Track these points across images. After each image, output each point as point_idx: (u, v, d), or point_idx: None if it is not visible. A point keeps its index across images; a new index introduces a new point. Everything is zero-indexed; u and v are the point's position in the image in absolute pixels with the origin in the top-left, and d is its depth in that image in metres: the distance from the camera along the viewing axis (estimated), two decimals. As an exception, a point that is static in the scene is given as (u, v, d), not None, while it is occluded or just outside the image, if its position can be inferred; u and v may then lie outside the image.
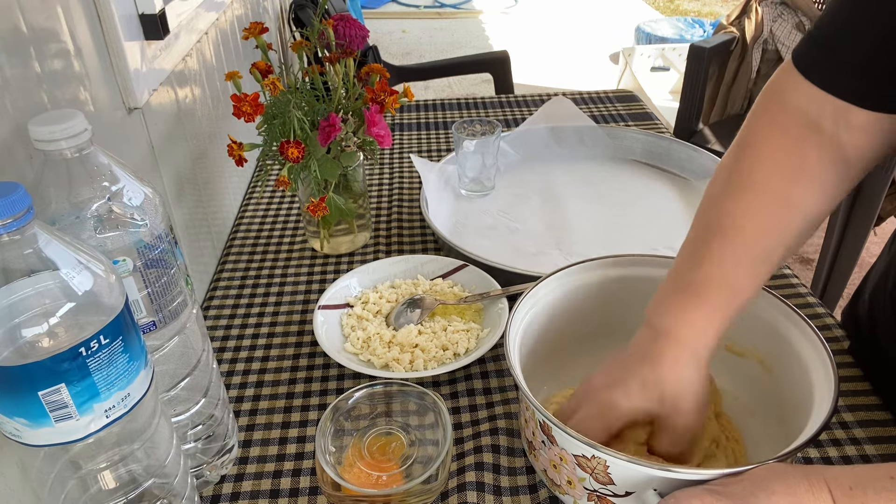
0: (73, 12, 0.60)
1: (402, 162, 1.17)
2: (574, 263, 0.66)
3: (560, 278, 0.65)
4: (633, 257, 0.66)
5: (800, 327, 0.57)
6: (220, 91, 1.03)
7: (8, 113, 0.49)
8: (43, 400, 0.38)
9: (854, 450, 0.61)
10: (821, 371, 0.53)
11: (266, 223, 1.01)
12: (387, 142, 0.82)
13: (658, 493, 0.47)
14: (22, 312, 0.37)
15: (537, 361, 0.63)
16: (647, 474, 0.47)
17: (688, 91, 1.99)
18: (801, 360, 0.56)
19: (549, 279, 0.64)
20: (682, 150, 1.07)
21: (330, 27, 0.85)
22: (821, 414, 0.49)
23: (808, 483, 0.43)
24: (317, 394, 0.71)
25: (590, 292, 0.66)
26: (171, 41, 0.81)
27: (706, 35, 3.68)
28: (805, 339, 0.56)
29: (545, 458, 0.54)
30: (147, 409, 0.45)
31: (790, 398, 0.56)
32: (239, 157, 0.80)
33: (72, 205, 0.44)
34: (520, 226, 0.97)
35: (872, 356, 0.69)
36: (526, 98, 1.40)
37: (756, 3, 2.09)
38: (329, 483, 0.55)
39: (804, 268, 2.25)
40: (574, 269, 0.65)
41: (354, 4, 2.69)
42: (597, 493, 0.51)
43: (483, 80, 3.61)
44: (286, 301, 0.85)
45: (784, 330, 0.58)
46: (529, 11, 5.07)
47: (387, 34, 4.58)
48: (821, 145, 0.53)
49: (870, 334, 0.69)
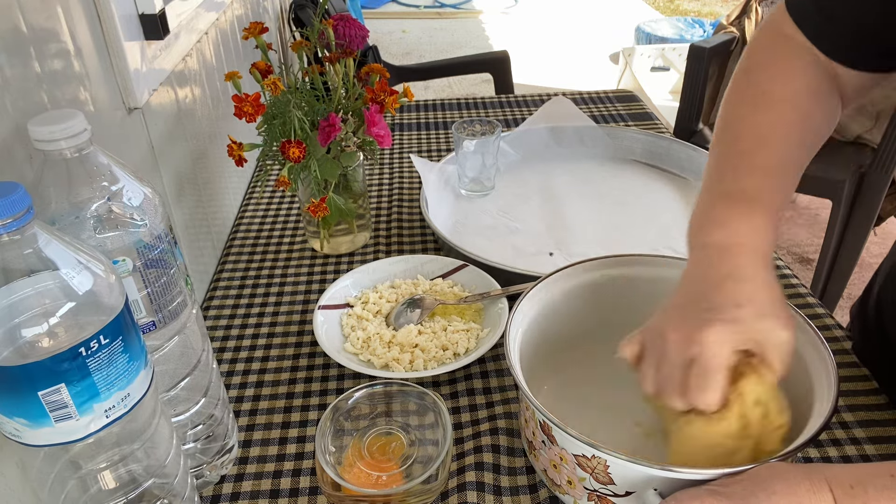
0: (73, 12, 0.60)
1: (402, 162, 1.17)
2: (574, 263, 0.66)
3: (560, 278, 0.65)
4: (634, 257, 0.66)
5: (799, 327, 0.57)
6: (220, 91, 1.03)
7: (8, 113, 0.49)
8: (43, 400, 0.38)
9: (854, 450, 0.61)
10: (821, 371, 0.53)
11: (266, 223, 1.01)
12: (387, 142, 0.82)
13: (658, 493, 0.47)
14: (22, 312, 0.37)
15: (537, 361, 0.63)
16: (647, 474, 0.47)
17: (688, 91, 1.99)
18: (802, 359, 0.56)
19: (549, 279, 0.64)
20: (682, 150, 1.07)
21: (330, 27, 0.85)
22: (821, 413, 0.49)
23: (809, 482, 0.43)
24: (317, 394, 0.71)
25: (590, 292, 0.66)
26: (171, 41, 0.81)
27: (706, 35, 3.68)
28: (805, 339, 0.56)
29: (545, 458, 0.54)
30: (147, 409, 0.45)
31: (790, 398, 0.56)
32: (239, 157, 0.80)
33: (71, 205, 0.44)
34: (520, 226, 0.97)
35: (880, 351, 0.69)
36: (526, 98, 1.40)
37: (756, 3, 2.09)
38: (329, 483, 0.55)
39: (804, 268, 2.25)
40: (574, 269, 0.65)
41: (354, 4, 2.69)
42: (597, 492, 0.51)
43: (483, 80, 3.61)
44: (286, 301, 0.85)
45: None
46: (529, 11, 5.07)
47: (387, 34, 4.58)
48: (824, 73, 0.57)
49: (877, 328, 0.69)
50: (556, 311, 0.65)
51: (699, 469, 0.46)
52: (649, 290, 0.57)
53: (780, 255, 0.98)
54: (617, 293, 0.66)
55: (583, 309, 0.66)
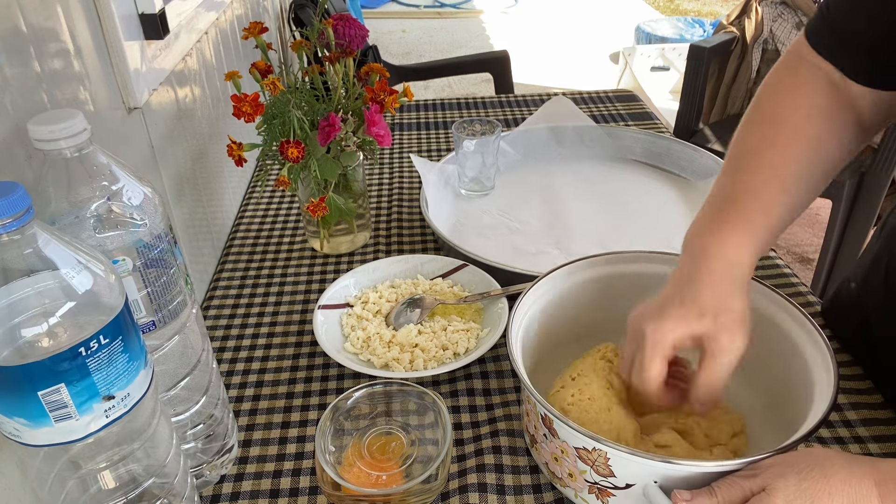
0: (73, 12, 0.60)
1: (402, 162, 1.17)
2: (577, 259, 0.66)
3: (565, 274, 0.65)
4: (636, 254, 0.66)
5: (798, 321, 0.57)
6: (220, 91, 1.03)
7: (8, 113, 0.49)
8: (43, 400, 0.38)
9: (858, 448, 0.61)
10: (820, 365, 0.53)
11: (266, 223, 1.01)
12: (386, 141, 0.82)
13: (658, 485, 0.47)
14: (22, 312, 0.37)
15: (539, 357, 0.63)
16: (647, 466, 0.47)
17: (688, 91, 1.99)
18: (802, 356, 0.56)
19: (553, 274, 0.64)
20: (682, 150, 1.07)
21: (330, 27, 0.84)
22: (821, 407, 0.49)
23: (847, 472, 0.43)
24: (317, 394, 0.71)
25: (592, 289, 0.66)
26: (171, 41, 0.81)
27: (706, 35, 3.68)
28: (805, 335, 0.56)
29: (547, 451, 0.55)
30: (147, 409, 0.45)
31: (791, 393, 0.57)
32: (239, 157, 0.80)
33: (71, 204, 0.44)
34: (520, 226, 0.97)
35: (862, 344, 0.70)
36: (526, 98, 1.40)
37: (756, 3, 2.09)
38: (329, 483, 0.55)
39: (804, 268, 2.25)
40: (577, 265, 0.66)
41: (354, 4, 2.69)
42: (598, 485, 0.51)
43: (483, 80, 3.61)
44: (286, 301, 0.85)
45: (784, 325, 0.59)
46: (529, 11, 5.07)
47: (387, 34, 4.58)
48: (836, 95, 0.57)
49: (859, 321, 0.70)
50: (558, 307, 0.65)
51: (700, 462, 0.47)
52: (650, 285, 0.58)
53: (780, 254, 0.98)
54: (619, 290, 0.66)
55: (586, 305, 0.67)
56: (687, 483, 0.47)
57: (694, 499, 0.45)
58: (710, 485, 0.46)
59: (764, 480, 0.44)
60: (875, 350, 0.68)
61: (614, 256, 0.66)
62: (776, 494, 0.43)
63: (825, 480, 0.43)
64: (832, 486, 0.42)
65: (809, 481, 0.43)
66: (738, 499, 0.45)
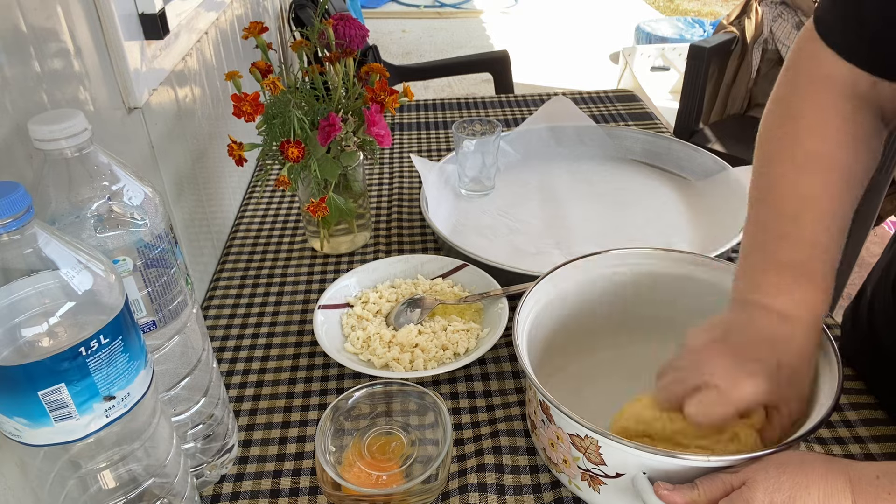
0: (73, 12, 0.60)
1: (402, 162, 1.17)
2: (582, 256, 0.66)
3: (571, 272, 0.65)
4: (640, 251, 0.67)
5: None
6: (220, 91, 1.03)
7: (8, 112, 0.49)
8: (43, 400, 0.38)
9: (858, 448, 0.61)
10: (824, 365, 0.53)
11: (266, 223, 1.01)
12: (386, 141, 0.82)
13: (647, 476, 0.48)
14: (22, 312, 0.37)
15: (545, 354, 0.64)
16: (637, 457, 0.48)
17: (688, 91, 1.99)
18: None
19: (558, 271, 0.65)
20: (682, 150, 1.07)
21: (330, 27, 0.84)
22: (824, 405, 0.49)
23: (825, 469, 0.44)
24: (317, 394, 0.71)
25: (597, 287, 0.67)
26: (171, 41, 0.81)
27: (706, 35, 3.68)
28: None
29: (545, 437, 0.55)
30: (147, 409, 0.45)
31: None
32: (239, 156, 0.80)
33: (72, 204, 0.44)
34: (520, 226, 0.97)
35: (871, 354, 0.69)
36: (526, 98, 1.40)
37: (756, 3, 2.09)
38: (329, 483, 0.55)
39: (804, 267, 2.24)
40: (585, 261, 0.66)
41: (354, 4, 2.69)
42: (590, 472, 0.52)
43: (483, 80, 3.61)
44: (286, 301, 0.85)
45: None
46: (529, 11, 5.07)
47: (387, 34, 4.58)
48: (866, 110, 0.55)
49: (868, 328, 0.69)
50: (564, 305, 0.66)
51: (689, 454, 0.48)
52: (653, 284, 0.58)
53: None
54: (623, 288, 0.66)
55: (592, 303, 0.67)
56: (676, 476, 0.48)
57: (676, 490, 0.46)
58: (694, 480, 0.47)
59: (745, 474, 0.45)
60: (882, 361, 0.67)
61: (623, 253, 0.66)
62: (756, 487, 0.44)
63: (803, 474, 0.43)
64: (810, 480, 0.43)
65: (788, 475, 0.43)
66: (719, 492, 0.45)
